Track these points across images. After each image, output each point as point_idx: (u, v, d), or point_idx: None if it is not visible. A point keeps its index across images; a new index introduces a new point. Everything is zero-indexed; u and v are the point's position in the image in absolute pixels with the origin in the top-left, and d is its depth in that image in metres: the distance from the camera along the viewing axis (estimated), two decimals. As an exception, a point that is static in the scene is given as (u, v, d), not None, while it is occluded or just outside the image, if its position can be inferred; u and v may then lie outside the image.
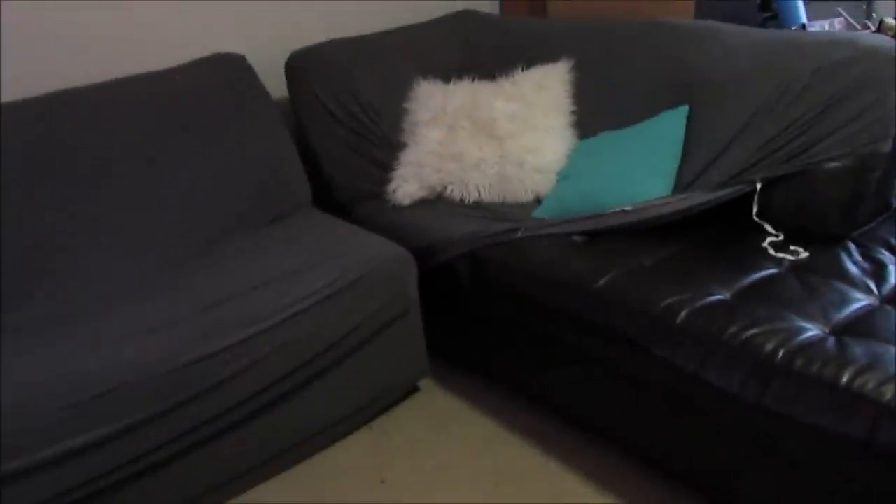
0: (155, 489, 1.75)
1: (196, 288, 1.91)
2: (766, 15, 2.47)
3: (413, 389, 2.24)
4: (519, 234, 2.00)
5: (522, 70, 2.45)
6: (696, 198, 1.87)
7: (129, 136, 2.16)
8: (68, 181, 2.06)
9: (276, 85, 2.49)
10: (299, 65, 2.48)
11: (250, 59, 2.42)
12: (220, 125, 2.28)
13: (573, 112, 2.37)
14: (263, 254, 2.05)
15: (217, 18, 2.50)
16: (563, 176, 2.23)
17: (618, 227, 1.92)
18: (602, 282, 1.76)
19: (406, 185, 2.33)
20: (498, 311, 2.06)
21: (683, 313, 1.57)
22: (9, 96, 2.11)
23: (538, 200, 2.24)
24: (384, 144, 2.43)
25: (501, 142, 2.29)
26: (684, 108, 2.08)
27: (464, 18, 2.79)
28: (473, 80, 2.49)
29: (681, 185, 2.00)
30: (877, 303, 1.58)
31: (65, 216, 2.04)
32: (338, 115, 2.43)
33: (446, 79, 2.51)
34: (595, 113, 2.33)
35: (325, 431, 2.03)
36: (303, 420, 1.97)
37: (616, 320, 1.70)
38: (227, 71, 2.37)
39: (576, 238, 1.97)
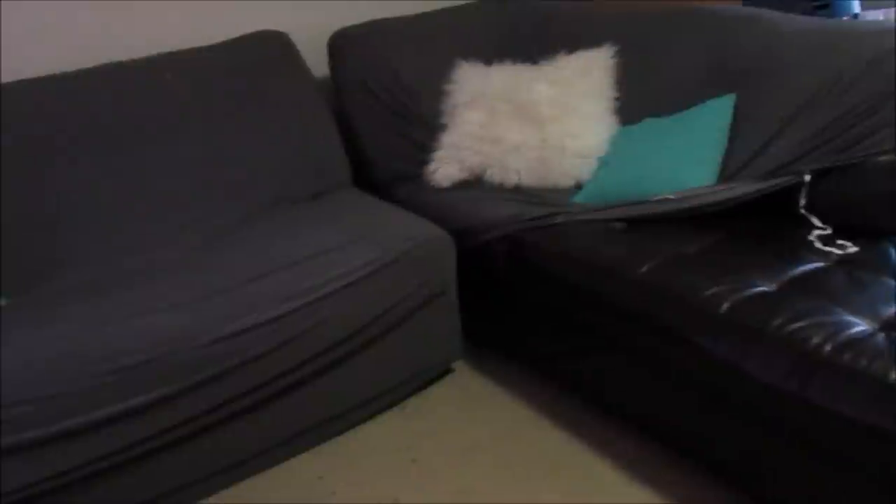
0: (187, 460, 1.78)
1: (236, 261, 1.93)
2: (817, 3, 2.41)
3: (446, 371, 2.24)
4: (559, 219, 1.99)
5: (565, 54, 2.42)
6: (742, 188, 1.84)
7: (173, 110, 2.19)
8: (113, 153, 2.10)
9: (318, 63, 2.50)
10: (341, 44, 2.48)
11: (293, 37, 2.43)
12: (263, 101, 2.30)
13: (615, 98, 2.34)
14: (303, 230, 2.06)
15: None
16: (603, 162, 2.21)
17: (660, 215, 1.90)
18: (643, 269, 1.74)
19: (445, 167, 2.32)
20: (534, 296, 2.05)
21: (726, 304, 1.55)
22: (63, 66, 2.12)
23: (578, 186, 2.22)
24: (424, 125, 2.42)
25: (542, 126, 2.27)
26: (731, 97, 2.04)
27: (505, 1, 2.76)
28: (514, 63, 2.47)
29: (725, 175, 1.97)
30: (926, 299, 1.55)
31: (108, 187, 2.07)
32: (378, 95, 2.43)
33: (487, 61, 2.49)
34: (637, 99, 2.31)
35: (358, 409, 2.04)
36: (336, 397, 1.98)
37: (657, 308, 1.69)
38: (270, 48, 2.38)
39: (616, 224, 1.95)
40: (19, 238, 1.97)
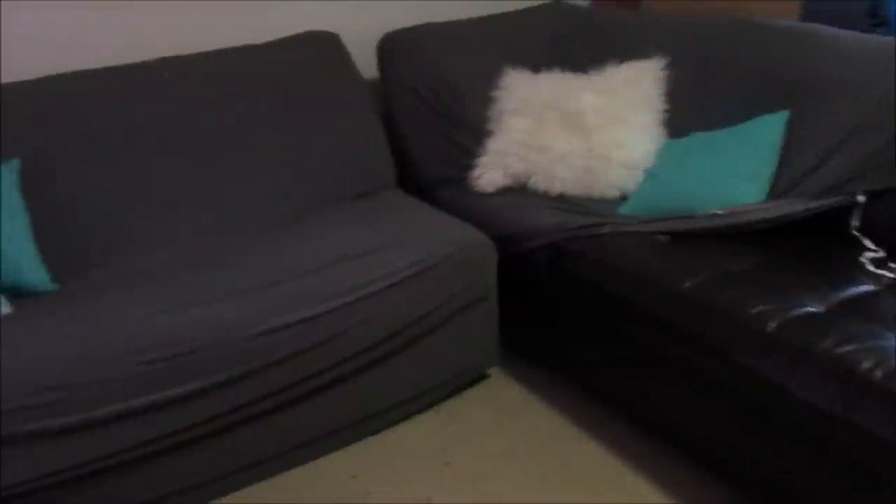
0: (222, 452, 1.81)
1: (280, 257, 1.95)
2: (874, 21, 2.37)
3: (482, 376, 2.24)
4: (604, 230, 1.98)
5: (614, 64, 2.41)
6: (793, 206, 1.81)
7: (221, 106, 2.23)
8: (160, 146, 2.13)
9: (366, 65, 2.52)
10: (391, 46, 2.50)
11: (343, 38, 2.45)
12: (310, 101, 2.32)
13: (664, 110, 2.32)
14: (346, 230, 2.07)
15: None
16: (650, 174, 2.20)
17: (706, 230, 1.88)
18: (688, 283, 1.73)
19: (490, 173, 2.32)
20: (575, 305, 2.04)
21: (774, 323, 1.53)
22: (116, 59, 2.18)
23: (623, 197, 2.21)
24: (470, 131, 2.43)
25: (589, 135, 2.26)
26: (783, 113, 2.02)
27: (555, 9, 2.76)
28: (563, 71, 2.46)
29: (775, 193, 1.94)
30: (981, 328, 1.51)
31: (158, 180, 2.11)
32: (426, 99, 2.44)
33: (535, 69, 2.48)
34: (687, 112, 2.28)
35: (393, 410, 2.05)
36: (373, 396, 1.99)
37: (700, 324, 1.67)
38: (320, 48, 2.41)
39: (661, 237, 1.94)
40: (68, 227, 2.01)
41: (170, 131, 2.13)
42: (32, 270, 1.91)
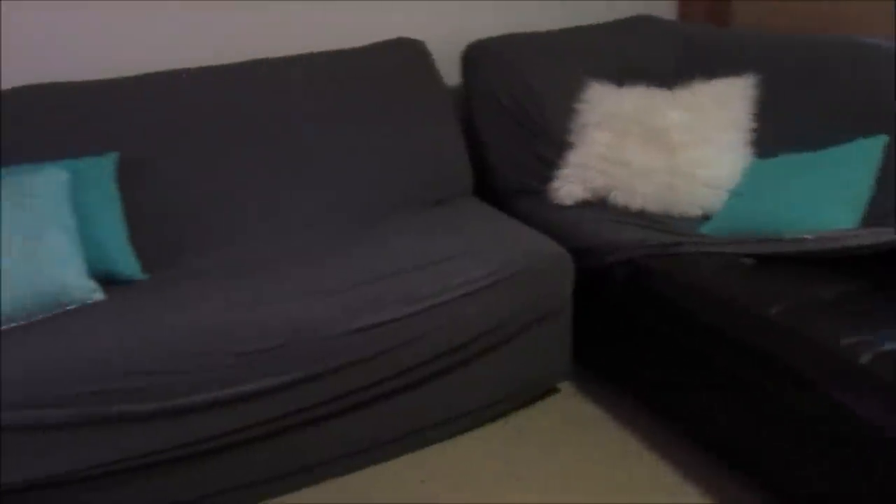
0: (293, 448, 1.85)
1: (360, 260, 1.98)
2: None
3: (552, 390, 2.23)
4: (686, 248, 1.95)
5: (701, 81, 2.37)
6: (890, 234, 1.75)
7: (309, 108, 2.29)
8: (250, 145, 2.20)
9: (449, 73, 2.54)
10: (476, 55, 2.52)
11: (429, 45, 2.48)
12: (395, 106, 2.36)
13: (753, 129, 2.27)
14: (424, 236, 2.09)
15: (401, 4, 2.57)
16: (735, 194, 2.15)
17: (795, 255, 1.83)
18: (773, 309, 1.68)
19: (569, 185, 2.31)
20: (652, 324, 2.01)
21: (867, 356, 1.48)
22: (214, 60, 2.26)
23: (705, 216, 2.17)
24: (551, 142, 2.42)
25: (672, 152, 2.23)
26: (882, 138, 1.95)
27: (641, 23, 2.73)
28: (648, 86, 2.43)
29: (870, 219, 1.88)
30: None
31: (245, 177, 2.17)
32: (508, 109, 2.45)
33: (619, 82, 2.46)
34: (776, 133, 2.23)
35: (463, 418, 2.06)
36: (443, 403, 2.00)
37: (786, 352, 1.63)
38: (407, 55, 2.44)
39: (746, 260, 1.89)
40: (160, 219, 2.08)
41: (260, 131, 2.20)
42: (125, 259, 1.99)
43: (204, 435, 1.70)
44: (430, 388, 1.92)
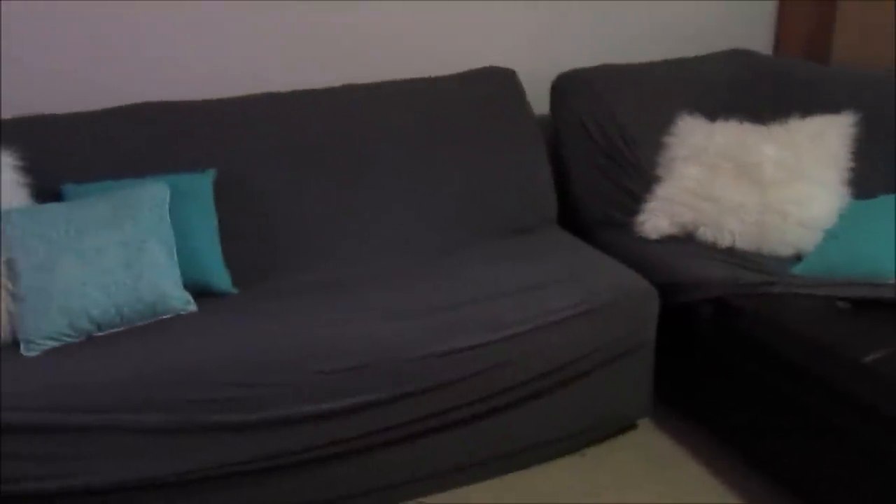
0: (366, 469, 1.86)
1: (444, 284, 2.00)
2: None
3: (631, 425, 2.19)
4: (777, 289, 1.90)
5: (797, 117, 2.32)
6: None
7: (401, 133, 2.34)
8: (342, 167, 2.26)
9: (538, 101, 2.55)
10: (565, 86, 2.53)
11: (519, 75, 2.50)
12: (484, 134, 2.39)
13: (850, 169, 2.21)
14: (509, 263, 2.10)
15: (493, 33, 2.62)
16: (830, 234, 2.08)
17: (893, 301, 1.76)
18: (871, 356, 1.62)
19: (656, 219, 2.29)
20: (739, 364, 1.96)
21: (973, 409, 1.41)
22: (307, 84, 2.33)
23: (798, 256, 2.11)
24: (638, 174, 2.40)
25: (765, 189, 2.18)
26: None
27: (736, 57, 2.69)
28: (741, 121, 2.39)
29: (978, 267, 1.80)
30: None
31: (336, 198, 2.23)
32: (596, 139, 2.45)
33: (711, 117, 2.43)
34: (876, 173, 2.16)
35: (539, 448, 2.04)
36: (520, 432, 1.99)
37: (885, 401, 1.56)
38: (497, 84, 2.47)
39: (841, 303, 1.83)
40: (253, 235, 2.15)
41: (352, 153, 2.26)
42: (218, 273, 2.06)
43: (285, 449, 1.74)
44: (509, 417, 1.92)
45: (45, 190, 2.01)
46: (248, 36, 2.36)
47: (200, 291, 2.00)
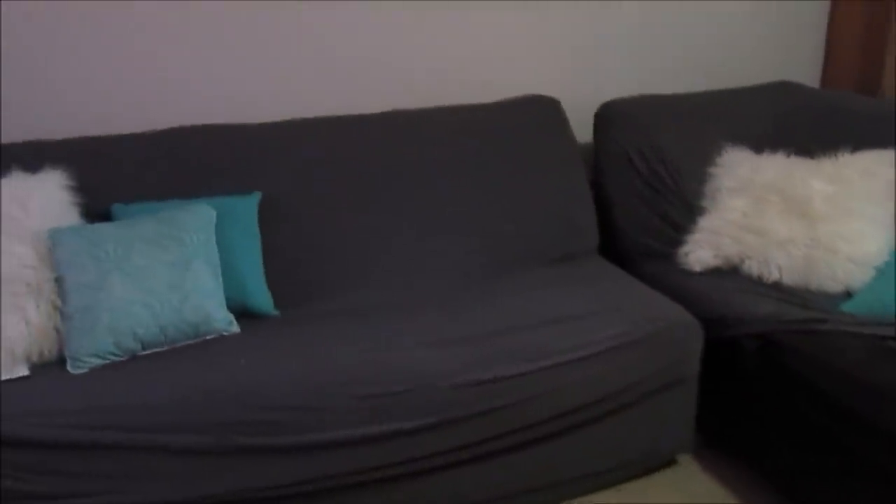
0: (405, 495, 1.83)
1: (486, 311, 1.99)
2: None
3: (671, 461, 2.14)
4: (825, 326, 1.86)
5: (846, 152, 2.28)
6: None
7: (444, 159, 2.35)
8: (385, 192, 2.27)
9: (581, 130, 2.55)
10: (609, 115, 2.52)
11: (563, 104, 2.50)
12: (526, 161, 2.39)
13: (902, 205, 2.16)
14: (551, 291, 2.09)
15: (538, 61, 2.63)
16: (882, 272, 2.04)
17: (950, 343, 1.71)
18: (923, 400, 1.57)
19: (700, 251, 2.26)
20: (786, 403, 1.91)
21: None
22: (354, 110, 2.36)
23: (847, 293, 2.06)
24: (682, 205, 2.38)
25: (814, 224, 2.14)
26: None
27: (783, 89, 2.66)
28: (788, 154, 2.36)
29: None
30: None
31: (378, 223, 2.24)
32: (639, 169, 2.43)
33: (757, 149, 2.40)
34: (929, 210, 2.11)
35: (576, 482, 2.00)
36: (557, 465, 1.95)
37: (939, 447, 1.51)
38: (541, 112, 2.48)
39: (893, 343, 1.78)
40: (295, 259, 2.17)
41: (395, 179, 2.27)
42: (260, 295, 2.08)
43: (321, 474, 1.73)
44: (547, 448, 1.89)
45: (95, 210, 2.05)
46: (295, 61, 2.39)
47: (242, 312, 2.02)
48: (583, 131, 2.57)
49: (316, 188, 2.23)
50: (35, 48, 2.17)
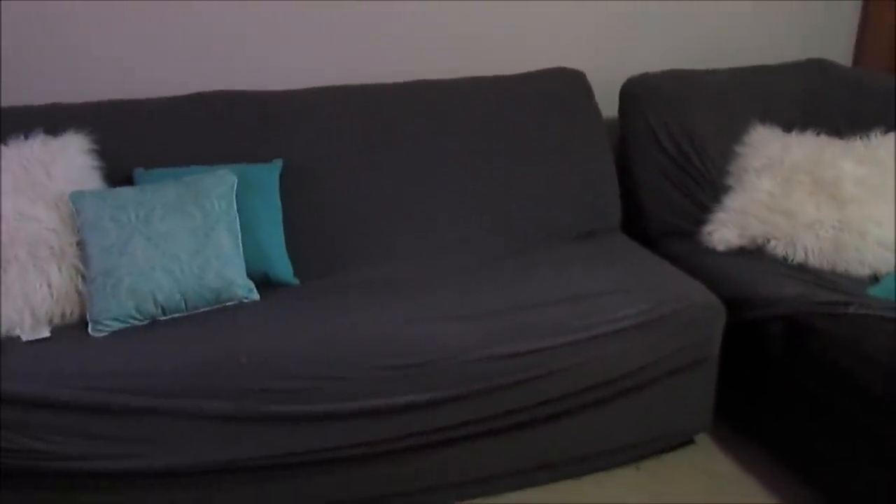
0: (421, 467, 1.85)
1: (507, 287, 1.98)
2: None
3: (689, 440, 2.13)
4: (853, 309, 1.83)
5: (880, 133, 2.23)
6: None
7: (468, 131, 2.33)
8: (408, 163, 2.26)
9: (606, 104, 2.51)
10: (635, 90, 2.48)
11: (589, 77, 2.46)
12: (551, 136, 2.36)
13: (934, 189, 2.12)
14: (573, 268, 2.07)
15: (564, 34, 2.59)
16: (911, 256, 2.00)
17: (980, 329, 1.68)
18: (952, 386, 1.55)
19: (724, 231, 2.22)
20: (809, 385, 1.89)
21: None
22: (378, 78, 2.33)
23: (875, 277, 2.03)
24: (707, 184, 2.34)
25: (843, 206, 2.10)
26: None
27: (814, 67, 2.60)
28: (818, 134, 2.31)
29: None
30: None
31: (400, 195, 2.22)
32: (665, 146, 2.39)
33: (786, 128, 2.36)
34: (962, 194, 2.07)
35: (594, 458, 2.00)
36: (576, 440, 1.95)
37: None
38: (567, 85, 2.44)
39: (921, 329, 1.75)
40: (316, 228, 2.16)
41: (419, 151, 2.25)
42: (280, 264, 2.07)
43: (338, 443, 1.74)
44: (566, 424, 1.89)
45: (117, 174, 2.05)
46: (320, 30, 2.37)
47: (262, 281, 2.02)
48: (608, 106, 2.53)
49: (338, 158, 2.21)
50: (58, 11, 2.15)
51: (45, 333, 1.79)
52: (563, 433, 1.90)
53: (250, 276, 1.98)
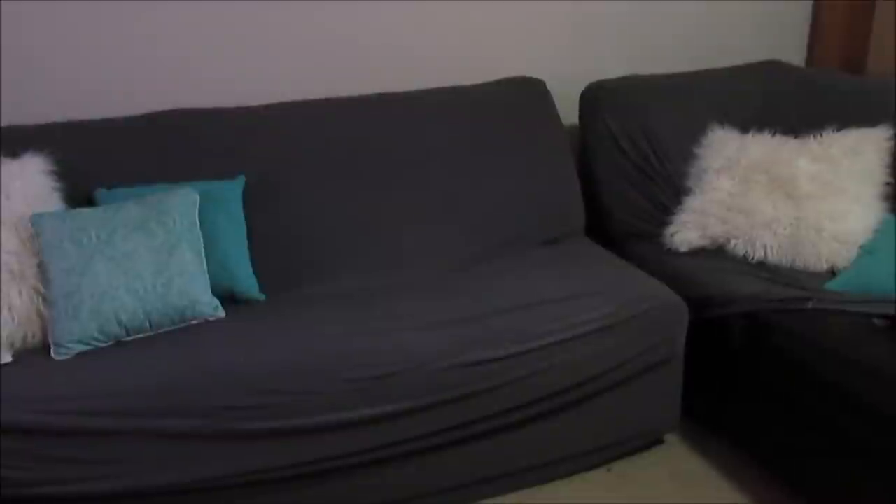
0: (395, 477, 1.84)
1: (472, 295, 1.98)
2: None
3: (657, 440, 2.16)
4: (811, 305, 1.87)
5: (831, 131, 2.27)
6: None
7: (430, 142, 2.33)
8: (370, 176, 2.26)
9: (567, 111, 2.54)
10: (595, 96, 2.51)
11: (548, 84, 2.49)
12: (512, 143, 2.38)
13: (887, 183, 2.17)
14: (538, 274, 2.09)
15: (523, 42, 2.61)
16: (866, 250, 2.05)
17: (933, 319, 1.72)
18: (908, 376, 1.58)
19: (686, 232, 2.26)
20: (770, 381, 1.93)
21: None
22: (342, 92, 2.34)
23: (832, 272, 2.07)
24: (668, 186, 2.38)
25: (799, 203, 2.15)
26: None
27: (768, 68, 2.65)
28: (773, 134, 2.35)
29: None
30: None
31: (364, 207, 2.22)
32: (626, 150, 2.42)
33: (743, 129, 2.40)
34: (914, 188, 2.12)
35: (563, 462, 2.02)
36: (545, 445, 1.97)
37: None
38: (527, 93, 2.46)
39: (878, 321, 1.79)
40: (280, 243, 2.15)
41: (382, 162, 2.26)
42: (245, 279, 2.06)
43: (311, 458, 1.73)
44: (535, 429, 1.90)
45: (78, 195, 2.03)
46: (277, 43, 2.37)
47: (228, 297, 2.01)
48: (569, 112, 2.56)
49: (302, 172, 2.21)
50: (13, 32, 2.14)
51: (7, 359, 1.77)
52: (532, 438, 1.91)
53: (215, 292, 1.97)
